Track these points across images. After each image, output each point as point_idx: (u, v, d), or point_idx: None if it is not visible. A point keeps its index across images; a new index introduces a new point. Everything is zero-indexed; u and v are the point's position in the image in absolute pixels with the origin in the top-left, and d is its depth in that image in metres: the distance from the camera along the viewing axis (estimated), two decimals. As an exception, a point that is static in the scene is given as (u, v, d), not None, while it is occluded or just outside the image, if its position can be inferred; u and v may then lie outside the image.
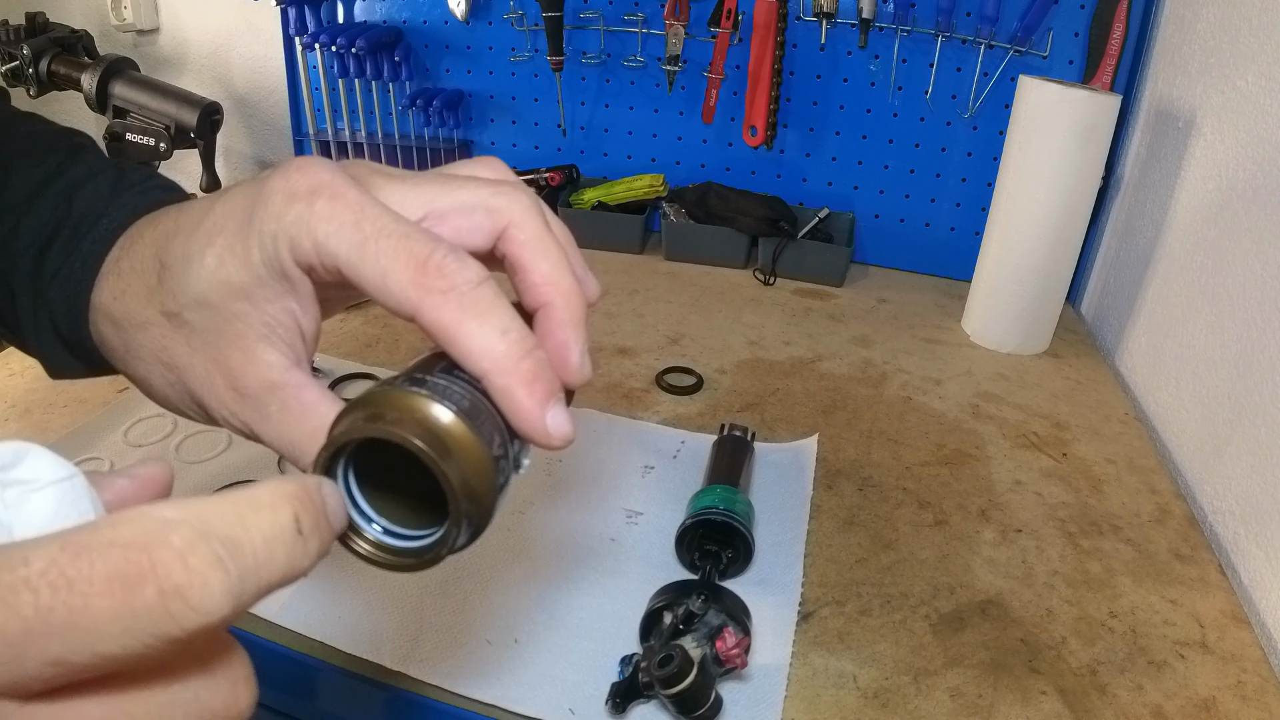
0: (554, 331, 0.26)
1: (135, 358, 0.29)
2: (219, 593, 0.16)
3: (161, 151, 1.02)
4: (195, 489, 0.63)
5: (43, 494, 0.18)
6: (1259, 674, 0.53)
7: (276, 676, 0.51)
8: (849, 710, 0.49)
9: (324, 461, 0.23)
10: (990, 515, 0.67)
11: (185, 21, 1.38)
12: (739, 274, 1.15)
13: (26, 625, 0.15)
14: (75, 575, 0.15)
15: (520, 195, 0.27)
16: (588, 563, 0.58)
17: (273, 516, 0.18)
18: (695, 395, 0.82)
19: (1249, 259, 0.72)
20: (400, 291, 0.23)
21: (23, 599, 0.15)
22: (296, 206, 0.24)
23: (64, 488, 0.19)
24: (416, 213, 0.26)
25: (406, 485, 0.24)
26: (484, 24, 1.22)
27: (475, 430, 0.23)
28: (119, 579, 0.15)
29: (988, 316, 0.99)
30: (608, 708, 0.46)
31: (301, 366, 0.27)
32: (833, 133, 1.18)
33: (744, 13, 1.10)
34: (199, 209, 0.27)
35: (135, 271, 0.29)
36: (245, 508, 0.17)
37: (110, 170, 0.34)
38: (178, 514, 0.16)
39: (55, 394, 0.74)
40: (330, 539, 0.20)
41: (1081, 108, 0.85)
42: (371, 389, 0.23)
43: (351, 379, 0.79)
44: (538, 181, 1.21)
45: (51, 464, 0.19)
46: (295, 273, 0.25)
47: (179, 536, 0.16)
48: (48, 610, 0.15)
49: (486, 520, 0.24)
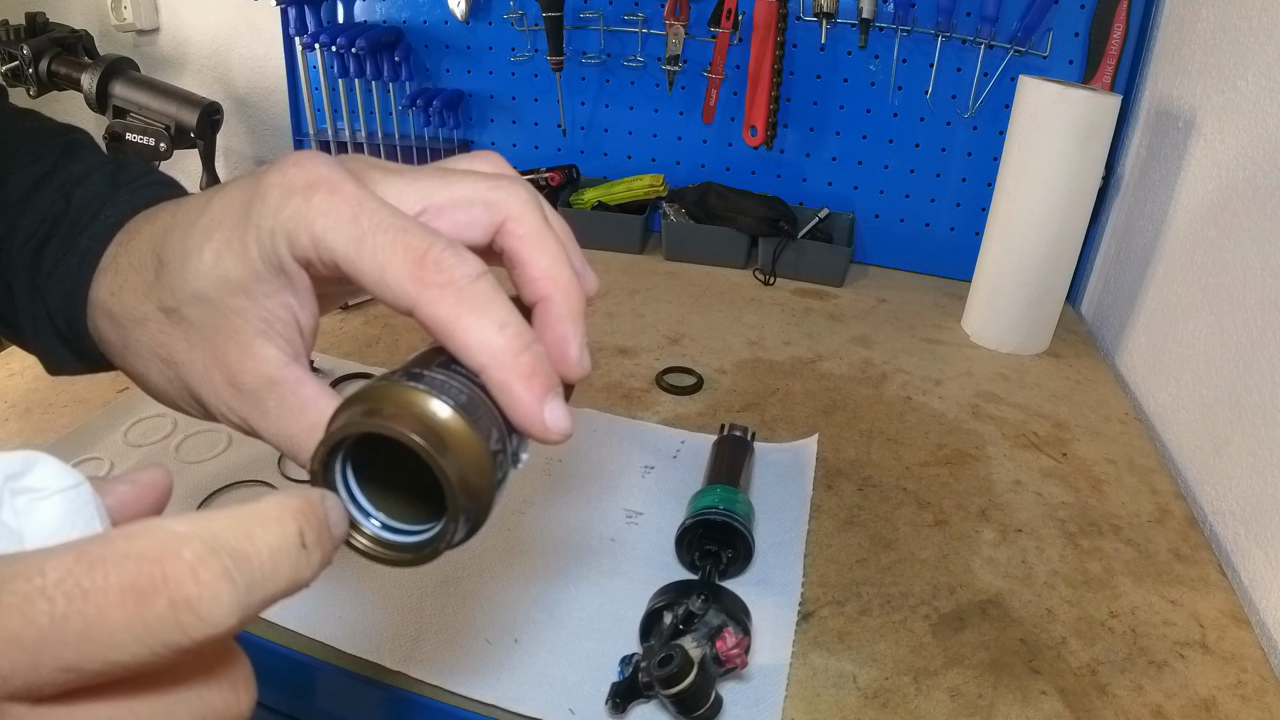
0: (552, 325, 0.26)
1: (133, 354, 0.29)
2: (228, 604, 0.16)
3: (161, 151, 1.02)
4: (195, 489, 0.63)
5: (51, 501, 0.19)
6: (1259, 674, 0.53)
7: (277, 676, 0.51)
8: (849, 710, 0.49)
9: (321, 457, 0.23)
10: (990, 515, 0.67)
11: (185, 21, 1.39)
12: (739, 274, 1.15)
13: (42, 633, 0.15)
14: (90, 586, 0.16)
15: (518, 189, 0.27)
16: (588, 563, 0.58)
17: (278, 530, 0.18)
18: (695, 395, 0.82)
19: (1249, 259, 0.72)
20: (398, 286, 0.23)
21: (39, 608, 0.15)
22: (294, 201, 0.24)
23: (71, 495, 0.19)
24: (414, 207, 0.26)
25: (405, 479, 0.24)
26: (484, 24, 1.23)
27: (473, 425, 0.23)
28: (132, 590, 0.16)
29: (988, 316, 0.99)
30: (608, 708, 0.46)
31: (299, 362, 0.27)
32: (833, 133, 1.18)
33: (744, 13, 1.10)
34: (196, 204, 0.27)
35: (133, 267, 0.29)
36: (252, 522, 0.18)
37: (108, 166, 0.34)
38: (188, 528, 0.17)
39: (55, 394, 0.73)
40: (332, 550, 0.20)
41: (1081, 108, 0.85)
42: (369, 383, 0.23)
43: (351, 379, 0.79)
44: (538, 181, 1.21)
45: (59, 472, 0.19)
46: (293, 267, 0.25)
47: (190, 550, 0.16)
48: (63, 619, 0.15)
49: (485, 515, 0.24)
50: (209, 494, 0.62)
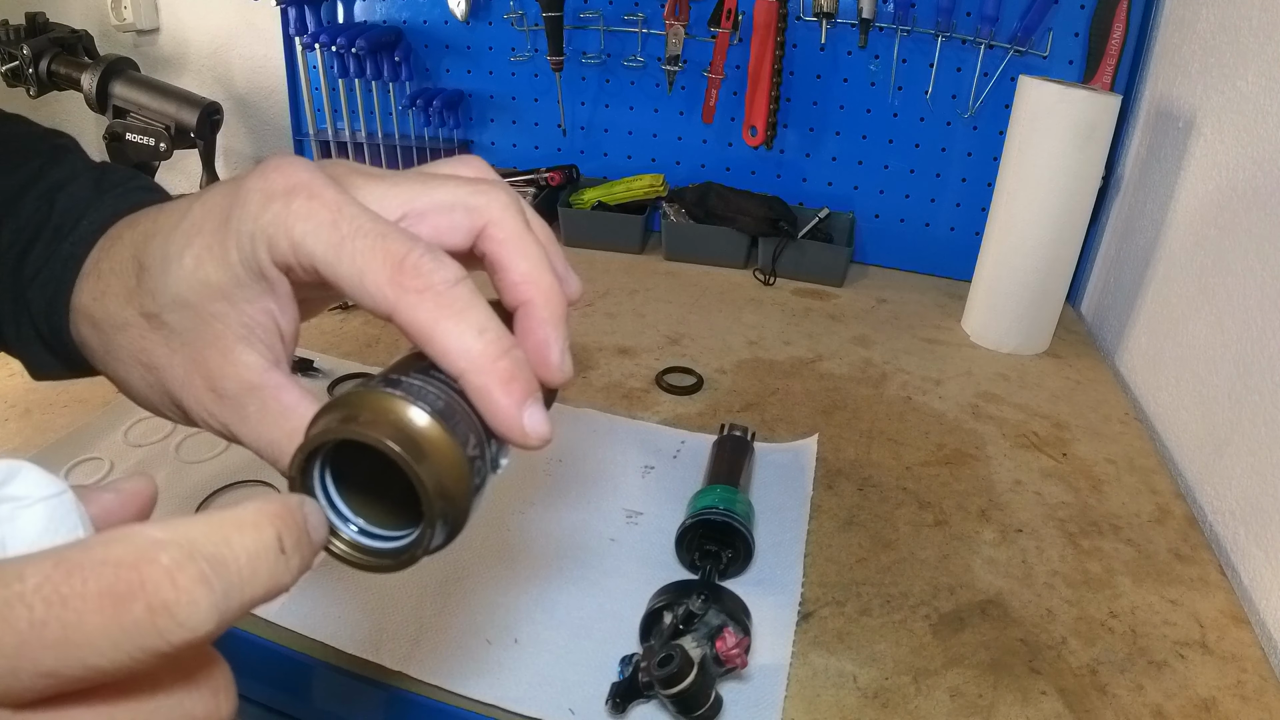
0: (533, 330, 0.26)
1: (115, 359, 0.29)
2: (205, 609, 0.16)
3: (161, 151, 1.02)
4: (195, 489, 0.63)
5: (33, 510, 0.19)
6: (1259, 674, 0.53)
7: (276, 676, 0.51)
8: (849, 710, 0.49)
9: (299, 463, 0.23)
10: (990, 515, 0.67)
11: (185, 21, 1.39)
12: (739, 274, 1.15)
13: (21, 638, 0.15)
14: (69, 592, 0.16)
15: (499, 193, 0.27)
16: (588, 563, 0.58)
17: (256, 535, 0.18)
18: (695, 395, 0.82)
19: (1249, 259, 0.72)
20: (377, 291, 0.23)
21: (18, 613, 0.15)
22: (274, 206, 0.24)
23: (54, 504, 0.19)
24: (395, 212, 0.26)
25: (384, 485, 0.24)
26: (484, 24, 1.23)
27: (450, 431, 0.23)
28: (110, 596, 0.16)
29: (988, 316, 0.99)
30: (608, 708, 0.46)
31: (280, 367, 0.27)
32: (833, 133, 1.18)
33: (744, 13, 1.10)
34: (177, 210, 0.27)
35: (114, 273, 0.29)
36: (229, 527, 0.18)
37: (91, 172, 0.34)
38: (165, 534, 0.17)
39: (55, 394, 0.73)
40: (312, 556, 0.20)
41: (1081, 108, 0.85)
42: (348, 390, 0.23)
43: (351, 379, 0.79)
44: (538, 181, 1.21)
45: (42, 481, 0.19)
46: (273, 273, 0.25)
47: (167, 556, 0.16)
48: (42, 625, 0.15)
49: (462, 521, 0.24)
50: (209, 494, 0.62)
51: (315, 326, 0.90)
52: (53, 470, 0.20)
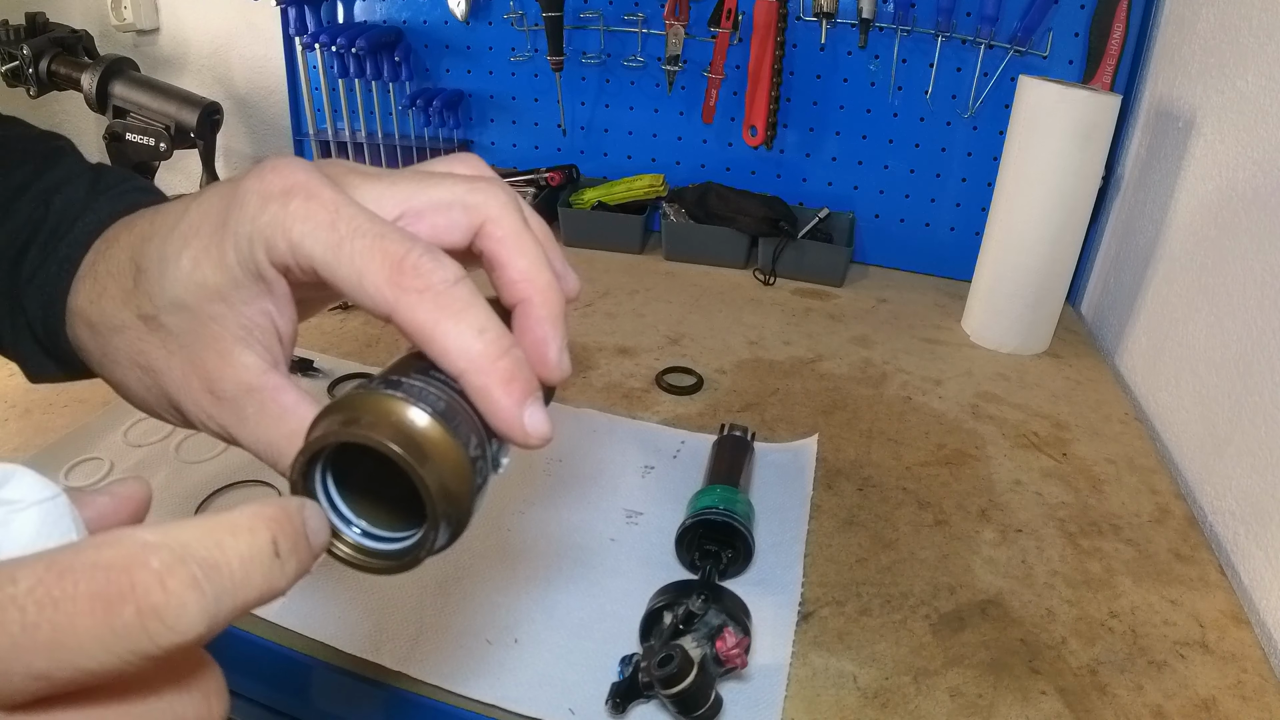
0: (532, 328, 0.26)
1: (112, 361, 0.29)
2: (195, 613, 0.16)
3: (161, 151, 1.02)
4: (196, 489, 0.63)
5: (27, 514, 0.19)
6: (1259, 674, 0.53)
7: (276, 676, 0.51)
8: (849, 710, 0.49)
9: (301, 466, 0.23)
10: (990, 515, 0.67)
11: (185, 21, 1.39)
12: (739, 274, 1.15)
13: (13, 641, 0.15)
14: (60, 594, 0.16)
15: (497, 191, 0.27)
16: (588, 563, 0.58)
17: (250, 539, 0.18)
18: (695, 395, 0.82)
19: (1249, 259, 0.72)
20: (376, 291, 0.23)
21: (10, 616, 0.15)
22: (271, 207, 0.24)
23: (47, 507, 0.19)
24: (393, 211, 0.26)
25: (386, 486, 0.24)
26: (484, 24, 1.23)
27: (451, 432, 0.23)
28: (100, 599, 0.16)
29: (987, 316, 0.99)
30: (608, 708, 0.46)
31: (279, 369, 0.27)
32: (833, 133, 1.18)
33: (744, 13, 1.10)
34: (175, 211, 0.27)
35: (111, 275, 0.29)
36: (223, 531, 0.18)
37: (88, 174, 0.33)
38: (157, 537, 0.17)
39: (55, 394, 0.73)
40: (310, 560, 0.20)
41: (1081, 108, 0.85)
42: (349, 392, 0.23)
43: (351, 379, 0.79)
44: (537, 181, 1.21)
45: (36, 484, 0.19)
46: (271, 274, 0.25)
47: (158, 559, 0.16)
48: (33, 627, 0.15)
49: (465, 521, 0.24)
50: (209, 494, 0.62)
51: (315, 326, 0.90)
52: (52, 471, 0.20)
